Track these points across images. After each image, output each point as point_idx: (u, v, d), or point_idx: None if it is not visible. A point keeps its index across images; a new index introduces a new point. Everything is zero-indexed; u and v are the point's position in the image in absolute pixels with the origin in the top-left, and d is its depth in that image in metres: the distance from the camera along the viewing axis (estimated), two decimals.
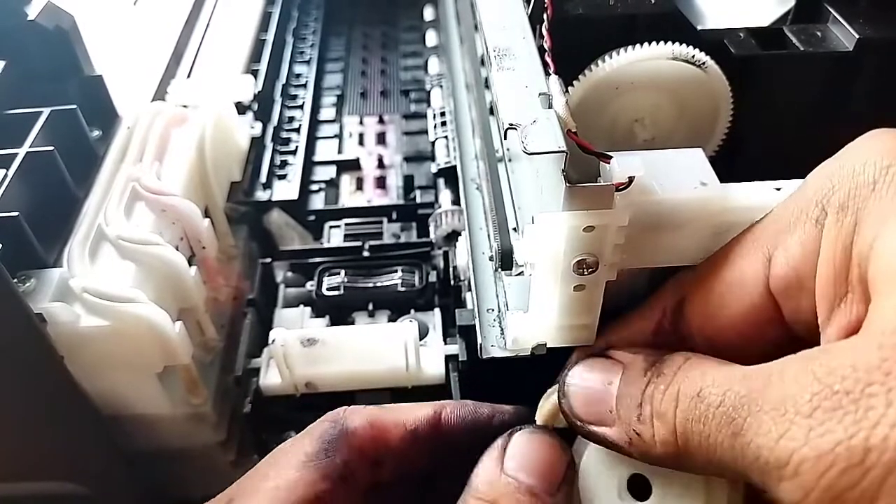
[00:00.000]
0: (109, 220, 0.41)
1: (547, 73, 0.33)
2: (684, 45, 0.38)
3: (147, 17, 0.64)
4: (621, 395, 0.27)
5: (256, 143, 0.60)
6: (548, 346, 0.34)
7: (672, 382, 0.25)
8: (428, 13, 0.82)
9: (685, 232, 0.30)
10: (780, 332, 0.26)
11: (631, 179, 0.29)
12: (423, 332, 0.48)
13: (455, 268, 0.49)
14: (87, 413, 0.41)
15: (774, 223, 0.27)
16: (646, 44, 0.38)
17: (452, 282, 0.49)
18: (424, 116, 0.68)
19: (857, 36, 0.40)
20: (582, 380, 0.29)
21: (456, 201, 0.56)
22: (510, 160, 0.41)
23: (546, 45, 0.35)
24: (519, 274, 0.37)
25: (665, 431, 0.25)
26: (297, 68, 0.75)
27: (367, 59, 0.80)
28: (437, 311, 0.50)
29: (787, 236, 0.26)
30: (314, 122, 0.69)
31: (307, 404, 0.46)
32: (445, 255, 0.51)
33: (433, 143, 0.63)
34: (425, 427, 0.31)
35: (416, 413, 0.31)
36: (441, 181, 0.59)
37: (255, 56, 0.69)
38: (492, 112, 0.48)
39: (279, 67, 0.73)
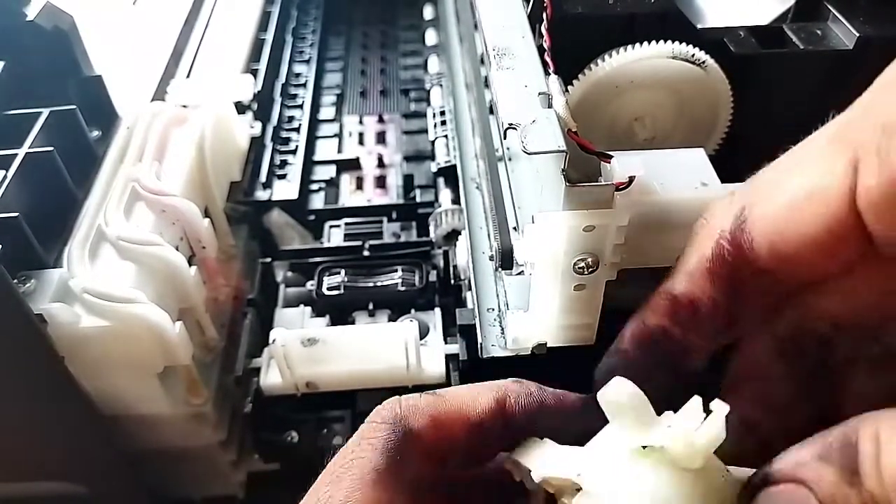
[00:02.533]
0: (109, 220, 0.41)
1: (546, 73, 0.33)
2: (684, 43, 0.38)
3: (146, 17, 0.64)
4: None
5: (256, 143, 0.60)
6: (548, 345, 0.34)
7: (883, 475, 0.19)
8: (427, 12, 0.82)
9: (686, 232, 0.30)
10: (863, 250, 0.23)
11: (631, 179, 0.29)
12: (424, 332, 0.48)
13: (455, 267, 0.49)
14: (87, 413, 0.41)
15: (863, 120, 0.22)
16: (645, 43, 0.38)
17: (452, 281, 0.49)
18: (424, 115, 0.68)
19: (858, 34, 0.40)
20: None
21: (456, 200, 0.56)
22: (510, 159, 0.41)
23: (545, 45, 0.35)
24: (519, 273, 0.37)
25: None
26: (297, 68, 0.75)
27: (366, 59, 0.80)
28: (437, 310, 0.49)
29: (889, 140, 0.20)
30: (314, 122, 0.69)
31: (308, 404, 0.46)
32: (445, 254, 0.51)
33: (433, 143, 0.63)
34: (490, 419, 0.27)
35: (478, 403, 0.28)
36: (441, 180, 0.59)
37: (255, 55, 0.69)
38: (491, 111, 0.47)
39: (279, 67, 0.73)
